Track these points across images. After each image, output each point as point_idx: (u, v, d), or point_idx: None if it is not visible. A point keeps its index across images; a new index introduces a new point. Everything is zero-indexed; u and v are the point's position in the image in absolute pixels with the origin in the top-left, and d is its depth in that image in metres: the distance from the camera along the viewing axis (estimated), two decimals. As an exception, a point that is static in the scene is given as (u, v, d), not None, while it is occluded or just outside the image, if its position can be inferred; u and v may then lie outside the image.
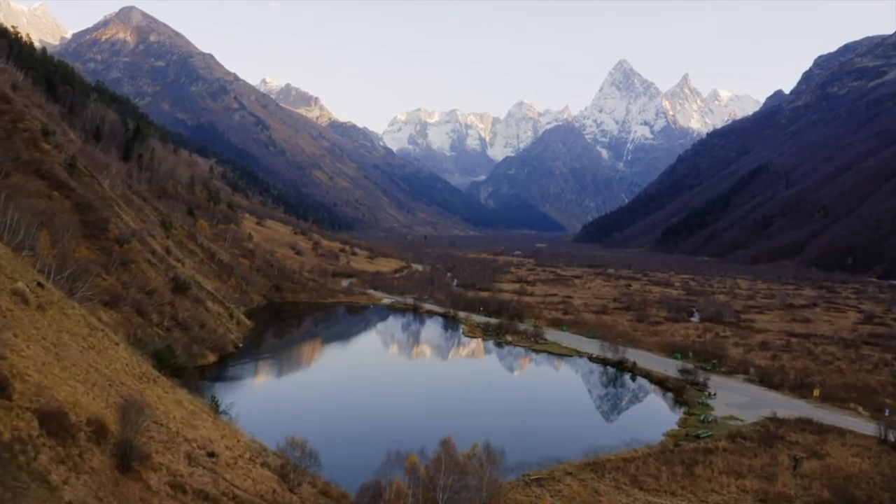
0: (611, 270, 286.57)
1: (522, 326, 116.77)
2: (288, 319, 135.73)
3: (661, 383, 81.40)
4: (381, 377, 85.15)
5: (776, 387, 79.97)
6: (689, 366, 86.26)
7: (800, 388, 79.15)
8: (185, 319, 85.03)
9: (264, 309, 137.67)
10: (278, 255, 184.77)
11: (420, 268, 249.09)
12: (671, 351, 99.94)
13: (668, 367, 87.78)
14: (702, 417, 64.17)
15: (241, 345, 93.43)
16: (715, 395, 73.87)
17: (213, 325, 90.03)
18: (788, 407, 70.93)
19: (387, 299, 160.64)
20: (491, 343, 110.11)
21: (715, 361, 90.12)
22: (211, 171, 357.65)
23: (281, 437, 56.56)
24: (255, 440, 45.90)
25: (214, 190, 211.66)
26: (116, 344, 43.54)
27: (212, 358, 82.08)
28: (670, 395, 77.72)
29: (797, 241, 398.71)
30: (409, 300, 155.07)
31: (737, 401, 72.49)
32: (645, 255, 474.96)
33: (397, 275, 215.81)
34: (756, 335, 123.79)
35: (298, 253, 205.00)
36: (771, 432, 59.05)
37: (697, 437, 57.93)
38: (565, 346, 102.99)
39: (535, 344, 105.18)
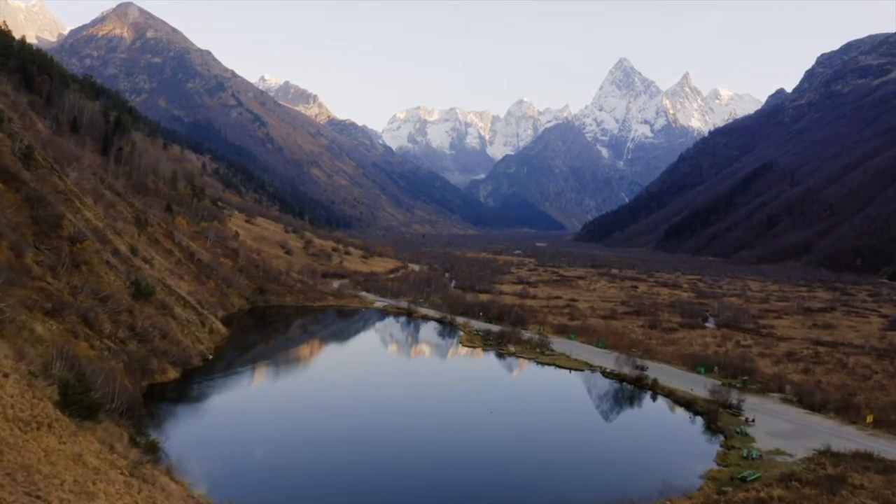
0: (615, 271, 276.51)
1: (526, 335, 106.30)
2: (271, 325, 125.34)
3: (689, 405, 70.81)
4: (363, 398, 73.10)
5: (818, 408, 69.86)
6: (717, 382, 76.31)
7: (846, 411, 69.09)
8: (145, 329, 74.72)
9: (247, 313, 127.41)
10: (266, 254, 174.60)
11: (417, 268, 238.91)
12: (692, 364, 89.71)
13: (694, 385, 77.50)
14: (744, 453, 53.84)
15: (210, 356, 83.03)
16: (753, 421, 63.61)
17: (177, 335, 79.67)
18: (839, 435, 60.92)
19: (379, 302, 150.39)
20: (492, 354, 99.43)
21: (745, 378, 79.90)
22: (203, 168, 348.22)
23: (234, 483, 46.74)
24: (191, 496, 35.84)
25: (200, 186, 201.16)
26: (5, 376, 33.34)
27: (173, 374, 71.80)
28: (699, 419, 67.33)
29: (804, 241, 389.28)
30: (404, 304, 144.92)
31: (779, 428, 62.29)
32: (648, 254, 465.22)
33: (392, 275, 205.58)
34: (779, 344, 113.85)
35: (288, 252, 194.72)
36: (831, 475, 48.88)
37: (743, 479, 47.77)
38: (575, 359, 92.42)
39: (541, 355, 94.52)
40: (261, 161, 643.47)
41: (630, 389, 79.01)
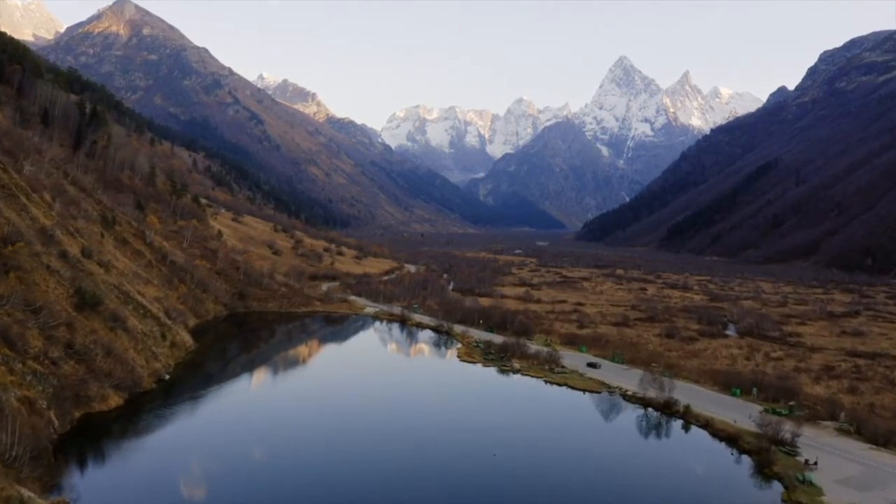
0: (620, 271, 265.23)
1: (532, 347, 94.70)
2: (249, 336, 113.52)
3: (733, 440, 58.85)
4: (340, 437, 58.84)
5: (882, 442, 58.64)
6: (757, 406, 65.00)
7: (916, 445, 57.97)
8: (86, 346, 63.32)
9: (223, 321, 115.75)
10: (251, 255, 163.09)
11: (413, 269, 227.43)
12: (723, 382, 78.17)
13: (732, 411, 65.97)
14: (818, 513, 42.66)
15: (167, 376, 71.41)
16: (815, 463, 52.17)
17: (126, 352, 68.19)
18: (917, 479, 49.71)
19: (371, 308, 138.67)
20: (493, 370, 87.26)
21: (791, 403, 68.35)
22: (194, 165, 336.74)
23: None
24: None
25: (182, 182, 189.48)
26: None
27: (115, 400, 60.29)
28: (745, 457, 55.60)
29: (811, 240, 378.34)
30: (397, 309, 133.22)
31: (847, 472, 50.85)
32: (651, 254, 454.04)
33: (386, 277, 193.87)
34: (812, 355, 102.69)
35: (276, 252, 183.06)
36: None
37: (827, 557, 36.57)
38: (590, 378, 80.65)
39: (551, 374, 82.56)
40: (257, 159, 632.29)
41: (656, 416, 67.35)
